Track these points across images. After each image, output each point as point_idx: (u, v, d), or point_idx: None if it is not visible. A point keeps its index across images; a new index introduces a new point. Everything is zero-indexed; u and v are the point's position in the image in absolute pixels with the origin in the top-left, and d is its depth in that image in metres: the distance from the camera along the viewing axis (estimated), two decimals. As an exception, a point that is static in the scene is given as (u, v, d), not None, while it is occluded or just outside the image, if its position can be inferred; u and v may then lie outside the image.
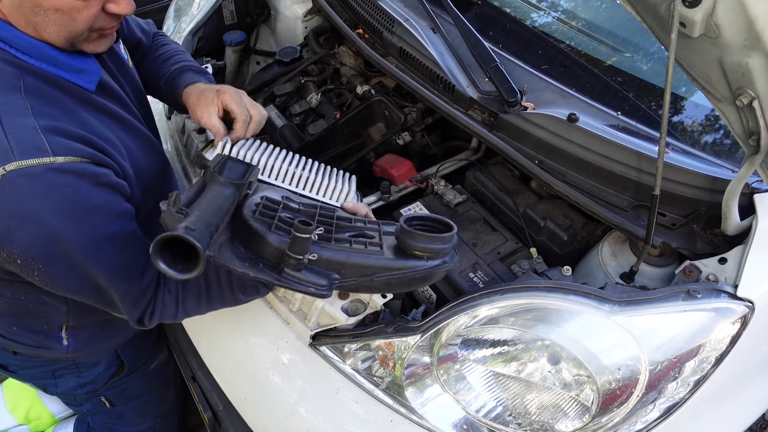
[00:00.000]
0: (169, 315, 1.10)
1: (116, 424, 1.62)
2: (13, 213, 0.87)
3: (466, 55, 1.40)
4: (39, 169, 0.87)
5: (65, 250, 0.93)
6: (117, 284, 1.01)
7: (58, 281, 0.98)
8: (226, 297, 1.13)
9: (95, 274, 0.97)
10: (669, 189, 1.13)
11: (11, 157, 0.86)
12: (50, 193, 0.89)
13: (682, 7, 0.80)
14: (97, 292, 1.01)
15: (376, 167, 1.55)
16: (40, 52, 0.96)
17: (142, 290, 1.05)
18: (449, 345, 1.09)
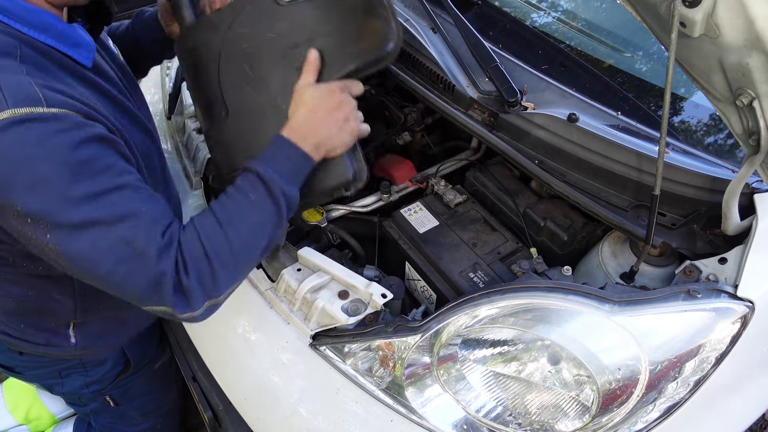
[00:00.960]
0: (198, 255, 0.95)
1: (119, 424, 1.62)
2: (8, 163, 0.84)
3: (466, 55, 1.40)
4: (33, 116, 0.85)
5: (67, 202, 0.88)
6: (131, 231, 0.91)
7: (69, 245, 0.89)
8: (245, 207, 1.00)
9: (103, 229, 0.90)
10: (669, 189, 1.13)
11: (4, 106, 0.84)
12: (44, 141, 0.86)
13: (682, 7, 0.80)
14: (112, 256, 0.91)
15: (376, 167, 1.55)
16: (40, 20, 0.95)
17: (163, 238, 0.94)
18: (449, 345, 1.09)
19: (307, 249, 1.28)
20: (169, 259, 0.93)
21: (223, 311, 1.33)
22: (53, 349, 1.30)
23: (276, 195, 1.00)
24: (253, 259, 1.03)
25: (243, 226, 0.99)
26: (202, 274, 0.95)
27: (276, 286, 1.29)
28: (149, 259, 0.91)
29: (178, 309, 0.96)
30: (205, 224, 0.98)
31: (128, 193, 0.93)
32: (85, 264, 0.91)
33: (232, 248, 0.98)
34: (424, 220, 1.39)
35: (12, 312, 1.23)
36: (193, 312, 0.97)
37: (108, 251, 0.90)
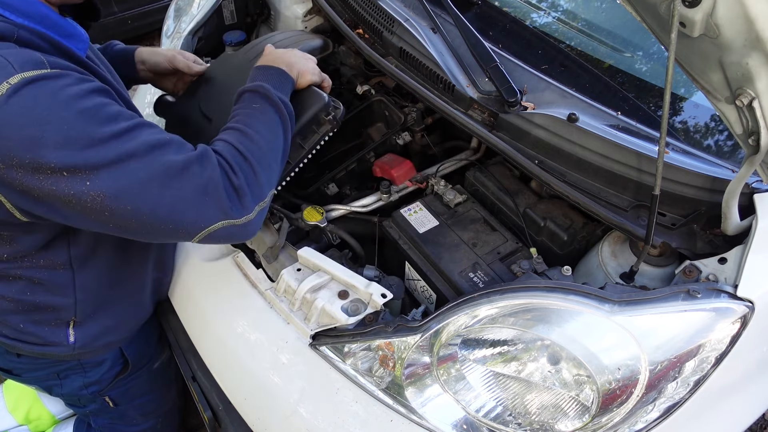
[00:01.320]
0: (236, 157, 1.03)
1: (118, 424, 1.62)
2: (30, 121, 0.87)
3: (466, 55, 1.40)
4: (41, 75, 0.88)
5: (96, 143, 0.90)
6: (164, 155, 0.95)
7: (111, 185, 0.91)
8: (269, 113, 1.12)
9: (139, 159, 0.92)
10: (669, 189, 1.13)
11: (12, 71, 0.87)
12: (58, 94, 0.89)
13: (682, 7, 0.80)
14: (156, 182, 0.93)
15: (376, 167, 1.55)
16: (36, 11, 0.98)
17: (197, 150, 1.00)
18: (449, 345, 1.09)
19: (307, 249, 1.28)
20: (212, 165, 0.98)
21: (223, 311, 1.34)
22: (52, 349, 1.30)
23: (274, 99, 1.13)
24: (278, 160, 1.12)
25: (260, 126, 1.09)
26: (246, 173, 1.03)
27: (276, 286, 1.29)
28: (194, 171, 0.96)
29: (236, 212, 1.00)
30: (230, 135, 1.07)
31: (146, 129, 0.97)
32: (132, 201, 0.93)
33: (260, 147, 1.07)
34: (424, 220, 1.39)
35: (12, 311, 1.22)
36: (248, 215, 1.02)
37: (151, 179, 0.93)
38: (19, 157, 0.87)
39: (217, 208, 0.97)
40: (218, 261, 1.43)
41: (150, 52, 1.48)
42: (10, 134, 0.86)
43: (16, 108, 0.86)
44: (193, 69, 1.49)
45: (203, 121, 1.43)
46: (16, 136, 0.86)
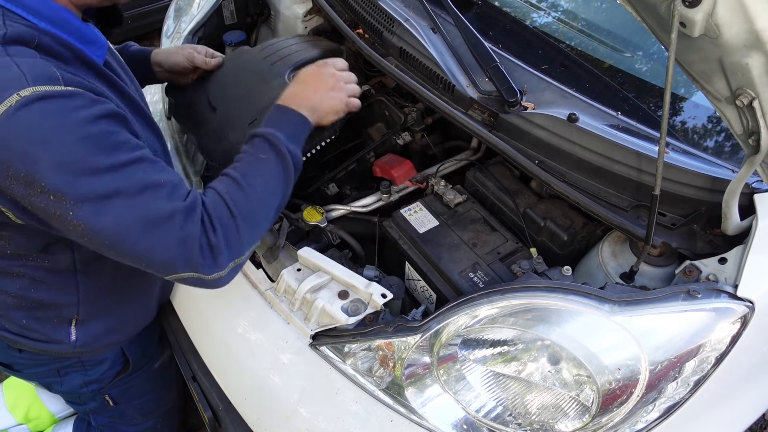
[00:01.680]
0: (223, 213, 1.00)
1: (118, 424, 1.62)
2: (31, 138, 0.87)
3: (466, 55, 1.40)
4: (52, 93, 0.88)
5: (89, 174, 0.89)
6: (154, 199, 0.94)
7: (94, 219, 0.91)
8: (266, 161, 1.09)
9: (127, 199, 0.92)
10: (669, 189, 1.13)
11: (25, 83, 0.87)
12: (65, 116, 0.89)
13: (682, 7, 0.80)
14: (138, 225, 0.93)
15: (376, 167, 1.55)
16: (59, 16, 0.98)
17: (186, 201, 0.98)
18: (449, 345, 1.09)
19: (307, 249, 1.28)
20: (196, 220, 0.96)
21: (223, 311, 1.34)
22: (53, 346, 1.30)
23: (283, 152, 1.09)
24: (269, 216, 1.09)
25: (258, 181, 1.06)
26: (227, 231, 1.00)
27: (276, 286, 1.29)
28: (176, 222, 0.94)
29: (206, 270, 0.98)
30: (224, 185, 1.04)
31: (146, 165, 0.97)
32: (112, 237, 0.93)
33: (251, 204, 1.04)
34: (424, 220, 1.39)
35: (14, 307, 1.23)
36: (219, 272, 1.00)
37: (134, 221, 0.93)
38: (15, 169, 0.87)
39: (189, 262, 0.96)
40: (218, 261, 1.43)
41: (166, 54, 1.49)
42: (11, 145, 0.86)
43: (22, 122, 0.86)
44: (210, 64, 1.50)
45: (208, 110, 1.45)
46: (17, 148, 0.86)
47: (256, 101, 1.38)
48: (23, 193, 0.89)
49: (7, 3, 0.95)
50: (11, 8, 0.94)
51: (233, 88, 1.46)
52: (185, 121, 1.56)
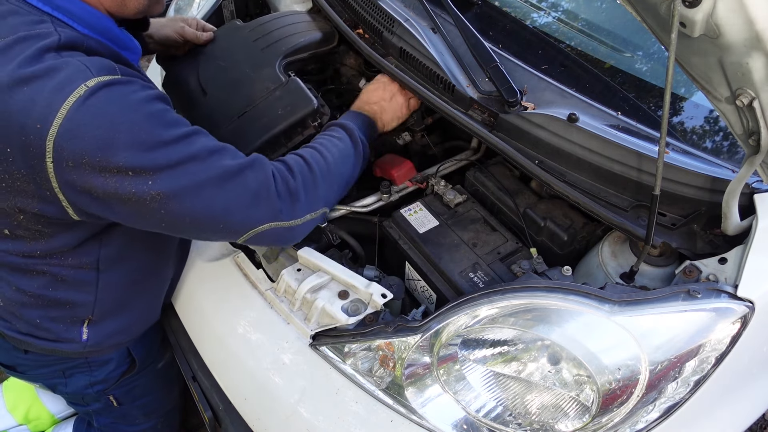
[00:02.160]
0: (300, 165, 1.14)
1: (120, 424, 1.62)
2: (106, 121, 0.93)
3: (466, 55, 1.40)
4: (114, 80, 0.96)
5: (162, 145, 0.96)
6: (222, 158, 1.02)
7: (173, 184, 0.97)
8: None
9: (199, 162, 0.99)
10: (669, 189, 1.13)
11: (90, 75, 0.94)
12: (129, 97, 0.96)
13: (682, 7, 0.80)
14: (215, 181, 1.01)
15: (376, 167, 1.55)
16: (101, 23, 1.07)
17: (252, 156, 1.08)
18: (449, 345, 1.09)
19: (307, 249, 1.28)
20: (265, 170, 1.07)
21: (223, 311, 1.34)
22: (63, 346, 1.30)
23: (355, 137, 1.28)
24: (341, 184, 1.25)
25: (334, 150, 1.22)
26: (306, 179, 1.12)
27: (276, 286, 1.29)
28: (246, 175, 1.04)
29: (285, 215, 1.08)
30: (304, 150, 1.20)
31: (203, 135, 1.05)
32: (189, 200, 0.99)
33: (328, 165, 1.18)
34: (424, 220, 1.39)
35: (30, 306, 1.23)
36: (296, 220, 1.10)
37: (208, 181, 1.00)
38: (89, 156, 0.92)
39: (266, 210, 1.05)
40: (218, 261, 1.43)
41: (157, 27, 1.53)
42: (84, 134, 0.92)
43: (92, 109, 0.92)
44: (201, 38, 1.58)
45: (198, 91, 1.51)
46: (90, 135, 0.92)
47: (246, 91, 1.45)
48: (97, 178, 0.95)
49: (56, 12, 1.02)
50: (60, 17, 1.03)
51: (223, 72, 1.51)
52: (176, 97, 1.55)
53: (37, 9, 1.02)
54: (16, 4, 1.01)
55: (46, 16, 1.01)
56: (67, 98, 0.91)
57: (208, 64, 1.54)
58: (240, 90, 1.46)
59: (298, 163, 1.14)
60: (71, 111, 0.91)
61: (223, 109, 1.42)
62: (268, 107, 1.41)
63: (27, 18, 1.00)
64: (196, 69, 1.54)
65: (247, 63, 1.51)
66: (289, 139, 1.39)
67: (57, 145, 0.92)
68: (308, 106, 1.37)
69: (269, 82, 1.46)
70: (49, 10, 1.02)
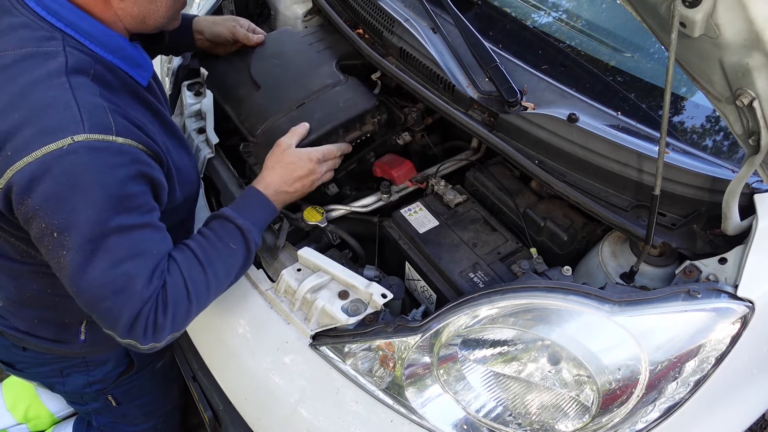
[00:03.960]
0: (180, 296, 1.04)
1: (120, 424, 1.62)
2: (68, 182, 0.92)
3: (466, 55, 1.40)
4: (102, 144, 0.94)
5: (101, 229, 0.94)
6: (137, 269, 0.98)
7: (81, 267, 0.95)
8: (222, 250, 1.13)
9: (116, 261, 0.96)
10: (669, 189, 1.13)
11: (81, 129, 0.92)
12: (106, 171, 0.94)
13: (682, 7, 0.80)
14: (113, 286, 0.98)
15: (376, 167, 1.55)
16: (114, 43, 1.05)
17: (157, 281, 1.02)
18: (449, 345, 1.09)
19: (307, 249, 1.28)
20: (153, 301, 1.00)
21: (223, 311, 1.34)
22: (60, 346, 1.30)
23: (250, 244, 1.15)
24: (218, 295, 1.14)
25: (221, 269, 1.10)
26: (178, 312, 1.03)
27: (276, 286, 1.29)
28: (140, 299, 0.98)
29: (145, 342, 1.02)
30: (190, 267, 1.06)
31: (148, 233, 1.03)
32: (85, 287, 0.97)
33: (209, 288, 1.09)
34: (424, 220, 1.39)
35: (29, 305, 1.24)
36: (156, 344, 1.04)
37: (111, 282, 0.96)
38: (33, 201, 0.92)
39: (133, 334, 1.01)
40: (218, 261, 1.43)
41: (209, 23, 1.54)
42: (43, 181, 0.91)
43: (65, 166, 0.91)
44: (251, 40, 1.57)
45: (251, 85, 1.51)
46: (47, 185, 0.91)
47: (305, 84, 1.49)
48: (27, 220, 0.94)
49: (69, 29, 1.00)
50: (72, 33, 1.00)
51: (280, 68, 1.54)
52: (223, 93, 1.58)
53: (49, 24, 1.00)
54: (30, 18, 1.00)
55: (57, 32, 1.00)
56: (48, 144, 0.90)
57: (260, 63, 1.56)
58: (297, 83, 1.49)
59: (178, 294, 1.03)
60: (45, 157, 0.90)
61: (279, 100, 1.43)
62: (328, 100, 1.45)
63: (37, 33, 0.99)
64: (247, 66, 1.55)
65: (304, 62, 1.55)
66: (347, 133, 1.43)
67: (14, 178, 0.91)
68: (369, 102, 1.44)
69: (328, 79, 1.51)
70: (62, 27, 1.00)
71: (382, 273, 1.26)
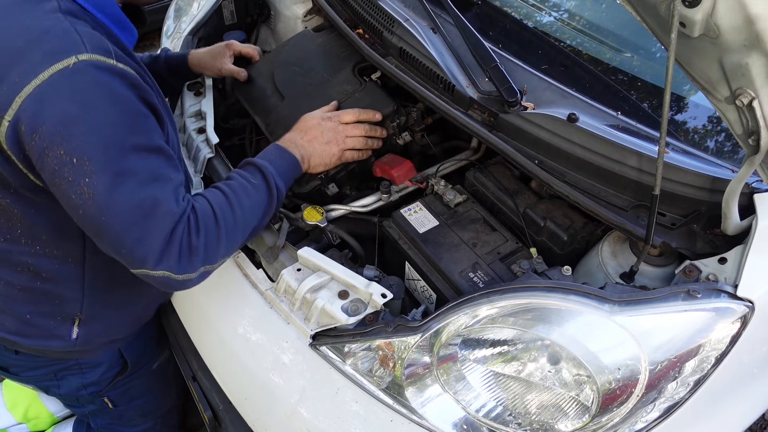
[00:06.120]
0: (209, 220, 1.06)
1: (117, 425, 1.62)
2: (80, 101, 0.92)
3: (466, 55, 1.40)
4: (107, 65, 0.95)
5: (119, 149, 0.95)
6: (161, 192, 0.99)
7: (105, 192, 0.94)
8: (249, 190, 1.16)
9: (139, 183, 0.97)
10: (669, 189, 1.13)
11: (84, 50, 0.93)
12: (115, 89, 0.95)
13: (682, 7, 0.80)
14: (140, 210, 0.97)
15: (376, 167, 1.55)
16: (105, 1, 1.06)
17: (183, 202, 1.03)
18: (449, 345, 1.09)
19: (307, 249, 1.28)
20: (184, 224, 1.02)
21: (223, 311, 1.34)
22: (52, 343, 1.29)
23: (271, 183, 1.20)
24: (245, 235, 1.17)
25: (246, 202, 1.14)
26: (209, 236, 1.05)
27: (276, 286, 1.29)
28: (168, 221, 0.99)
29: (179, 270, 1.02)
30: (215, 196, 1.11)
31: (164, 158, 1.03)
32: (115, 213, 0.96)
33: (236, 219, 1.11)
34: (424, 220, 1.39)
35: (20, 300, 1.23)
36: (189, 274, 1.04)
37: (139, 205, 0.97)
38: (47, 126, 0.91)
39: (167, 259, 1.00)
40: (218, 261, 1.43)
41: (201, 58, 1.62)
42: (55, 102, 0.91)
43: (73, 84, 0.92)
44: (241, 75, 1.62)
45: (276, 96, 1.57)
46: (59, 106, 0.91)
47: (327, 92, 1.53)
48: (48, 147, 0.93)
49: None
50: None
51: (302, 76, 1.58)
52: (251, 104, 1.63)
53: None
54: None
55: None
56: (54, 64, 0.91)
57: (283, 71, 1.61)
58: (319, 93, 1.53)
59: (207, 216, 1.06)
60: (53, 77, 0.91)
61: (303, 111, 1.44)
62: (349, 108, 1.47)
63: None
64: (271, 76, 1.60)
65: (324, 68, 1.58)
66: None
67: (25, 104, 0.91)
68: (388, 106, 1.47)
69: (347, 85, 1.54)
70: None
71: (382, 273, 1.26)
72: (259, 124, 1.60)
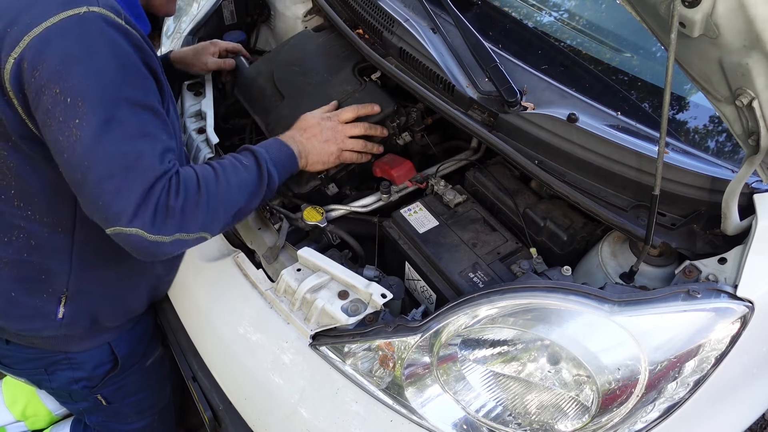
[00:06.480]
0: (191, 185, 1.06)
1: (113, 423, 1.61)
2: (84, 45, 0.96)
3: (466, 55, 1.40)
4: (116, 22, 0.99)
5: (114, 97, 0.97)
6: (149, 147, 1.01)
7: (92, 136, 0.96)
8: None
9: (127, 135, 0.98)
10: (669, 189, 1.13)
11: (96, 3, 0.98)
12: (119, 43, 0.99)
13: (681, 7, 0.80)
14: (122, 161, 0.98)
15: (376, 167, 1.55)
16: None
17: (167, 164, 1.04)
18: (449, 345, 1.09)
19: (307, 249, 1.28)
20: (166, 181, 1.02)
21: (223, 311, 1.34)
22: (38, 324, 1.27)
23: (263, 166, 1.20)
24: (228, 213, 1.14)
25: (233, 179, 1.14)
26: (188, 201, 1.04)
27: (276, 286, 1.29)
28: (148, 178, 1.00)
29: (152, 229, 1.01)
30: (202, 168, 1.12)
31: (158, 120, 1.05)
32: (97, 158, 0.97)
33: (219, 191, 1.10)
34: (423, 220, 1.39)
35: (5, 277, 1.22)
36: (163, 236, 1.02)
37: (123, 156, 0.98)
38: (48, 63, 0.95)
39: (141, 216, 0.99)
40: (218, 261, 1.43)
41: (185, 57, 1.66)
42: (59, 44, 0.95)
43: (80, 30, 0.96)
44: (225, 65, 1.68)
45: (276, 96, 1.58)
46: (62, 46, 0.95)
47: (327, 92, 1.53)
48: (46, 85, 0.95)
49: None
50: None
51: (302, 76, 1.58)
52: (251, 103, 1.65)
53: None
54: None
55: None
56: (65, 11, 0.95)
57: (283, 71, 1.61)
58: (318, 93, 1.53)
59: (189, 181, 1.06)
60: (62, 21, 0.95)
61: (302, 111, 1.44)
62: None
63: None
64: (271, 75, 1.60)
65: (324, 68, 1.58)
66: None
67: (31, 43, 0.95)
68: (388, 107, 1.47)
69: (347, 85, 1.54)
70: None
71: (382, 273, 1.26)
72: (259, 124, 1.59)
